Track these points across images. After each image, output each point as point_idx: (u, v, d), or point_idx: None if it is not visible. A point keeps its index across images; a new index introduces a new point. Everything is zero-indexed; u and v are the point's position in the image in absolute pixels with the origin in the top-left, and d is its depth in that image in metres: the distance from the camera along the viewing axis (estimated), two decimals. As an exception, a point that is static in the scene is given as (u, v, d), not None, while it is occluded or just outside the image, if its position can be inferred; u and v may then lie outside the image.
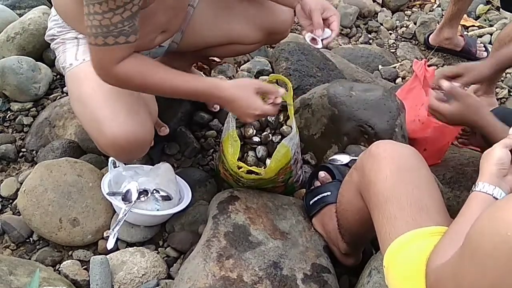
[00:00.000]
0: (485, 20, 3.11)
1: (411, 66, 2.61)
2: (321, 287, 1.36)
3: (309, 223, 1.58)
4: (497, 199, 1.06)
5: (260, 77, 2.22)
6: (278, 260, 1.40)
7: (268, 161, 1.58)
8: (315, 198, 1.60)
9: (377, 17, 3.00)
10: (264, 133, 1.64)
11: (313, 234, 1.55)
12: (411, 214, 1.11)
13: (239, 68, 2.31)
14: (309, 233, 1.55)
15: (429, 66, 2.69)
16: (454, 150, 2.13)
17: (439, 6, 3.19)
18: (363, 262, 1.51)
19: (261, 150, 1.62)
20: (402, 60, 2.76)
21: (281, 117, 1.67)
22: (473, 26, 3.06)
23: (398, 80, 2.62)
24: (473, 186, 1.10)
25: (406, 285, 1.08)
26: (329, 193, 1.58)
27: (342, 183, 1.41)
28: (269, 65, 2.30)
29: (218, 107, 2.04)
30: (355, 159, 1.57)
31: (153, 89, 1.48)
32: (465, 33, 2.97)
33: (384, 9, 3.06)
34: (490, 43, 2.88)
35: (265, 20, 1.77)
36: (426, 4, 3.22)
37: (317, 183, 1.66)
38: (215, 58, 2.20)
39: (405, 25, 3.02)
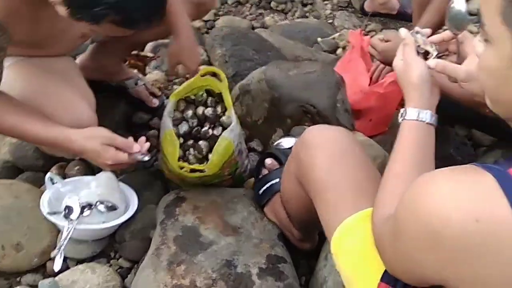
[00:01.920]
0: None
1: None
2: (277, 279, 1.33)
3: (261, 213, 1.55)
4: (427, 123, 1.06)
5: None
6: (232, 257, 1.36)
7: (211, 155, 1.54)
8: (264, 187, 1.57)
9: (310, -11, 2.96)
10: (204, 128, 1.59)
11: (267, 223, 1.53)
12: (351, 199, 1.10)
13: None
14: (262, 224, 1.52)
15: (367, 33, 2.71)
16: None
17: (372, -29, 3.16)
18: (320, 244, 1.50)
19: (202, 146, 1.57)
20: (340, 30, 2.74)
21: (219, 109, 1.62)
22: (406, -14, 3.05)
23: (339, 51, 2.59)
24: (400, 113, 1.09)
25: (356, 270, 1.07)
26: (277, 179, 1.54)
27: (282, 172, 1.39)
28: (205, 53, 2.23)
29: (157, 102, 1.98)
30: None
31: (7, 134, 1.44)
32: (399, -6, 2.96)
33: (317, -21, 3.02)
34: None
35: None
36: (358, -30, 3.19)
37: (265, 171, 1.63)
38: (148, 54, 2.12)
39: (339, -6, 2.99)
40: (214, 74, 1.66)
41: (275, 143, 1.75)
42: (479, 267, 0.72)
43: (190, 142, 1.58)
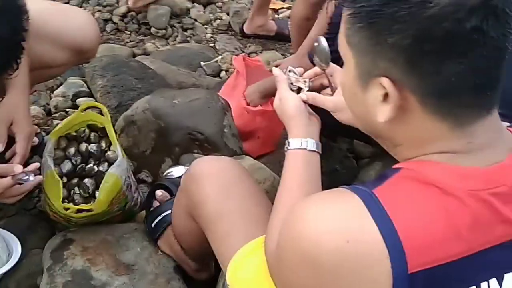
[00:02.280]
0: (292, 0, 3.22)
1: (231, 58, 2.62)
2: (176, 315, 1.31)
3: (155, 246, 1.52)
4: (311, 150, 1.10)
5: (77, 100, 2.09)
6: (127, 298, 1.32)
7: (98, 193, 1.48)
8: (156, 220, 1.53)
9: (190, 13, 2.96)
10: (89, 165, 1.53)
11: (161, 257, 1.49)
12: (243, 228, 1.11)
13: (53, 94, 2.15)
14: (157, 258, 1.49)
15: (248, 54, 2.76)
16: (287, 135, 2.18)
17: (248, -6, 3.24)
18: (218, 272, 1.50)
19: (88, 183, 1.51)
20: (222, 53, 2.76)
21: (103, 144, 1.57)
22: (282, 8, 3.16)
23: (222, 74, 2.62)
24: (285, 145, 1.13)
25: None
26: (169, 211, 1.52)
27: (173, 205, 1.37)
28: (85, 85, 2.16)
29: (36, 140, 1.88)
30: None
31: None
32: (276, 16, 3.06)
33: (196, 4, 3.03)
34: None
35: (70, 39, 1.64)
36: (235, -7, 3.26)
37: (156, 203, 1.60)
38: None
39: (218, 17, 3.01)
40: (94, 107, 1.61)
41: (165, 173, 1.73)
42: (358, 286, 0.75)
43: (75, 180, 1.51)
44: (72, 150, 1.54)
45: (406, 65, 0.75)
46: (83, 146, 1.55)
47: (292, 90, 1.19)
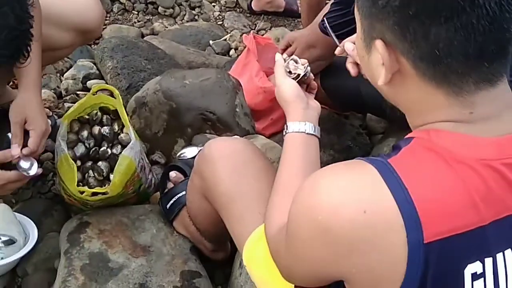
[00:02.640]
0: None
1: (241, 35, 2.60)
2: (194, 296, 1.31)
3: (171, 227, 1.52)
4: (309, 134, 1.10)
5: (88, 82, 2.08)
6: (144, 280, 1.33)
7: (112, 176, 1.48)
8: (171, 201, 1.53)
9: (197, -9, 2.93)
10: (102, 148, 1.53)
11: (177, 238, 1.50)
12: (257, 209, 1.11)
13: (63, 76, 2.14)
14: (173, 239, 1.49)
15: (257, 32, 2.73)
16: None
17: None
18: (234, 252, 1.50)
19: (102, 166, 1.51)
20: (231, 31, 2.74)
21: (116, 127, 1.57)
22: (291, -17, 3.11)
23: (232, 52, 2.59)
24: (283, 129, 1.13)
25: (271, 276, 1.07)
26: (183, 192, 1.51)
27: (187, 187, 1.37)
28: (95, 67, 2.15)
29: (48, 123, 1.87)
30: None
31: None
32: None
33: (203, -19, 3.00)
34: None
35: (74, 20, 1.63)
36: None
37: (170, 184, 1.60)
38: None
39: (226, -6, 2.98)
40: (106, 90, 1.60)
41: (178, 154, 1.72)
42: (373, 256, 0.74)
43: (89, 164, 1.51)
44: (85, 133, 1.54)
45: (396, 28, 0.76)
46: (96, 129, 1.55)
47: (291, 73, 1.19)
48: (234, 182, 1.15)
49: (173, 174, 1.59)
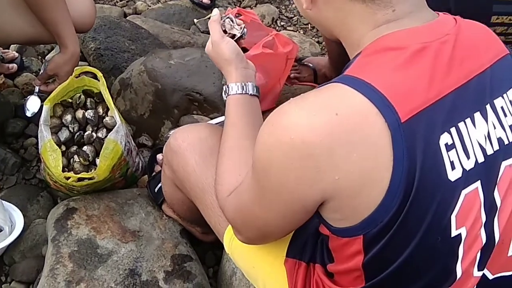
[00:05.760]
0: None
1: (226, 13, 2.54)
2: (185, 280, 1.29)
3: (160, 211, 1.50)
4: (251, 94, 1.09)
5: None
6: (135, 265, 1.30)
7: (98, 160, 1.45)
8: (159, 184, 1.50)
9: (180, -32, 2.86)
10: (87, 132, 1.49)
11: (167, 222, 1.47)
12: None
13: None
14: (162, 222, 1.47)
15: (243, 8, 2.68)
16: (286, 90, 2.13)
17: None
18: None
19: (88, 151, 1.48)
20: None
21: (101, 110, 1.53)
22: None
23: (217, 31, 2.54)
24: (223, 90, 1.11)
25: (258, 258, 1.06)
26: (171, 175, 1.50)
27: (161, 177, 1.35)
28: (77, 48, 2.09)
29: (14, 66, 1.90)
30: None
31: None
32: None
33: (185, -42, 2.92)
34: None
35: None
36: None
37: (158, 167, 1.57)
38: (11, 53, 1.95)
39: (210, -29, 2.91)
40: (89, 73, 1.56)
41: (165, 136, 1.69)
42: (355, 155, 0.73)
43: (74, 148, 1.48)
44: (68, 117, 1.50)
45: None
46: (80, 112, 1.51)
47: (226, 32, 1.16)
48: (203, 172, 1.13)
49: (160, 156, 1.56)
